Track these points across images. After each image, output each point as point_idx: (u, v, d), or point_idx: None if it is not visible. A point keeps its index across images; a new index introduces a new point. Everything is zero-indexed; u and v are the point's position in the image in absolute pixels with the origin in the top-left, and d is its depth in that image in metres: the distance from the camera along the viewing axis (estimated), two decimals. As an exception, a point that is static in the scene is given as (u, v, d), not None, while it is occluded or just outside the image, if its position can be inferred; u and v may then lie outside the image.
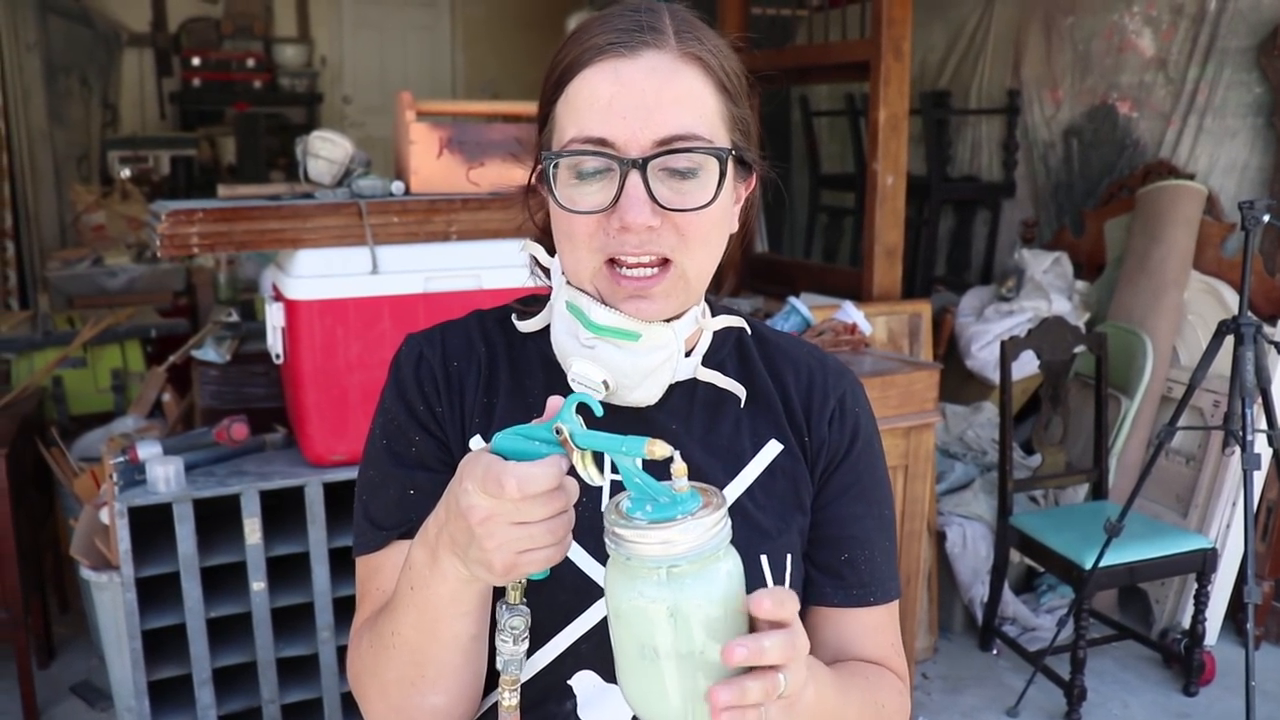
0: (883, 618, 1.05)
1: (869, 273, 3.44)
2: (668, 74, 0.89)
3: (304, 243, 2.23)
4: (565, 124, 0.91)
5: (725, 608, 0.73)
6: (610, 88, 0.88)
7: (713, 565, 0.72)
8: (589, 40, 0.91)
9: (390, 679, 0.91)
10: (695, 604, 0.71)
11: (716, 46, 0.94)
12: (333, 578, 2.34)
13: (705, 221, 0.91)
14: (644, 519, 0.72)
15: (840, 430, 1.04)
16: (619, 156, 0.88)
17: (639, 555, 0.71)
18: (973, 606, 3.39)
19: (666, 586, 0.71)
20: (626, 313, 0.91)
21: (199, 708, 2.29)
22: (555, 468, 0.74)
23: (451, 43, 8.33)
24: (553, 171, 0.91)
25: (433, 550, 0.82)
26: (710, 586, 0.72)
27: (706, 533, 0.72)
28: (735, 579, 0.74)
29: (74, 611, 3.43)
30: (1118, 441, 3.48)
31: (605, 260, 0.91)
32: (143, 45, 7.33)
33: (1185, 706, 3.04)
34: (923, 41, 5.12)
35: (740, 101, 0.95)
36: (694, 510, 0.72)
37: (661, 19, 0.91)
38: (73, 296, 4.52)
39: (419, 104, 2.41)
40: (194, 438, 2.43)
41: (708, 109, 0.91)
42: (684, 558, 0.71)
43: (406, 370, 1.01)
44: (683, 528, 0.71)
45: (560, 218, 0.92)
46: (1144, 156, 4.24)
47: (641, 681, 0.75)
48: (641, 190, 0.87)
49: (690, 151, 0.89)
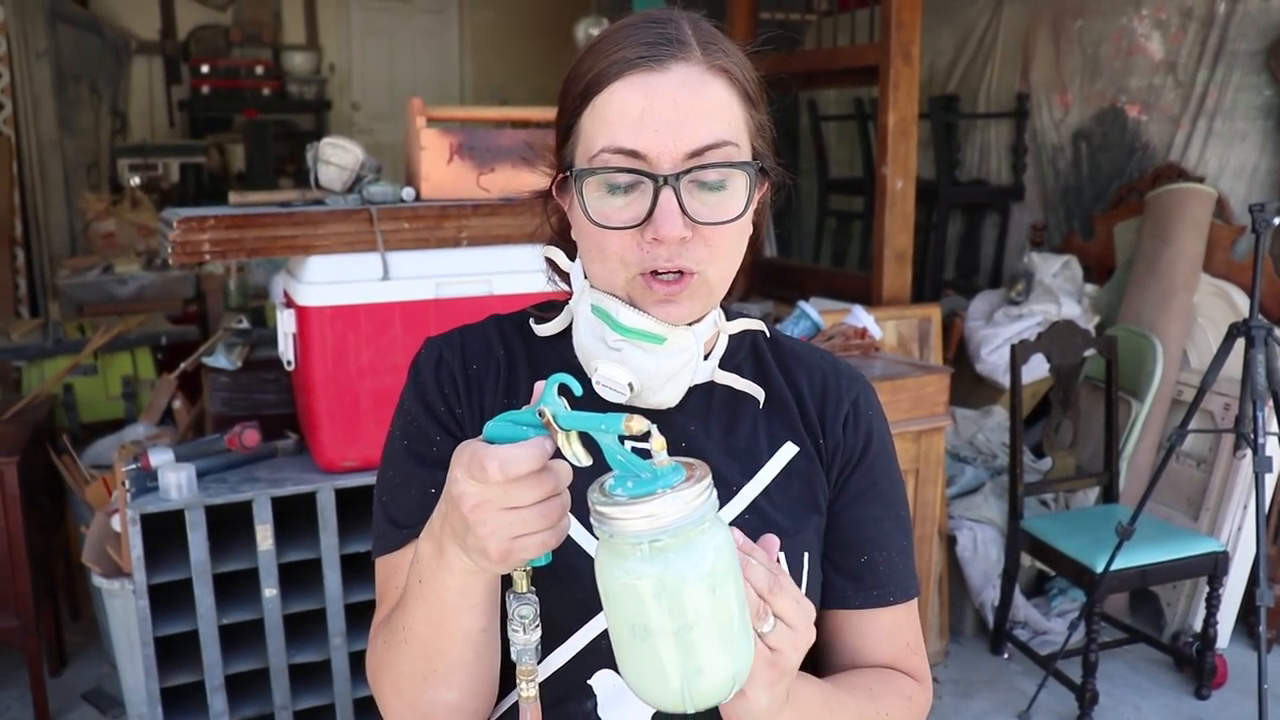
0: (901, 617, 1.05)
1: (878, 277, 3.44)
2: (697, 86, 0.90)
3: (315, 249, 2.24)
4: (594, 136, 0.92)
5: (714, 580, 0.72)
6: (642, 100, 0.89)
7: (698, 538, 0.72)
8: (615, 53, 0.91)
9: (403, 674, 0.91)
10: (682, 578, 0.71)
11: (738, 56, 0.95)
12: (345, 584, 2.34)
13: (732, 232, 0.93)
14: (624, 495, 0.72)
15: (855, 433, 1.05)
16: (651, 172, 0.89)
17: (621, 531, 0.71)
18: (984, 610, 3.38)
19: (651, 562, 0.71)
20: (654, 316, 0.92)
21: (211, 714, 2.29)
22: (538, 449, 0.75)
23: (460, 49, 8.35)
24: (583, 185, 0.92)
25: (438, 543, 0.83)
26: (698, 560, 0.71)
27: (688, 505, 0.71)
28: (725, 553, 0.73)
29: (85, 619, 3.44)
30: (1128, 445, 3.48)
31: (638, 273, 0.92)
32: (152, 53, 7.36)
33: (1197, 710, 3.03)
34: (931, 46, 5.12)
35: (761, 108, 0.97)
36: (674, 484, 0.72)
37: (684, 30, 0.92)
38: (83, 304, 4.53)
39: (430, 110, 2.41)
40: (205, 444, 2.44)
41: (735, 119, 0.93)
42: (665, 531, 0.70)
43: (426, 372, 1.02)
44: (663, 501, 0.70)
45: (591, 232, 0.93)
46: (1153, 160, 4.24)
47: (636, 662, 0.74)
48: (674, 204, 0.88)
49: (721, 166, 0.90)
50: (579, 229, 0.96)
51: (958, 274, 5.21)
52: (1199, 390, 2.65)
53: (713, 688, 0.74)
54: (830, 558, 1.04)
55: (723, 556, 0.73)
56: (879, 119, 3.41)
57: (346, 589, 2.35)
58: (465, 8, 8.30)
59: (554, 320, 1.03)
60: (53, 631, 3.17)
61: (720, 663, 0.74)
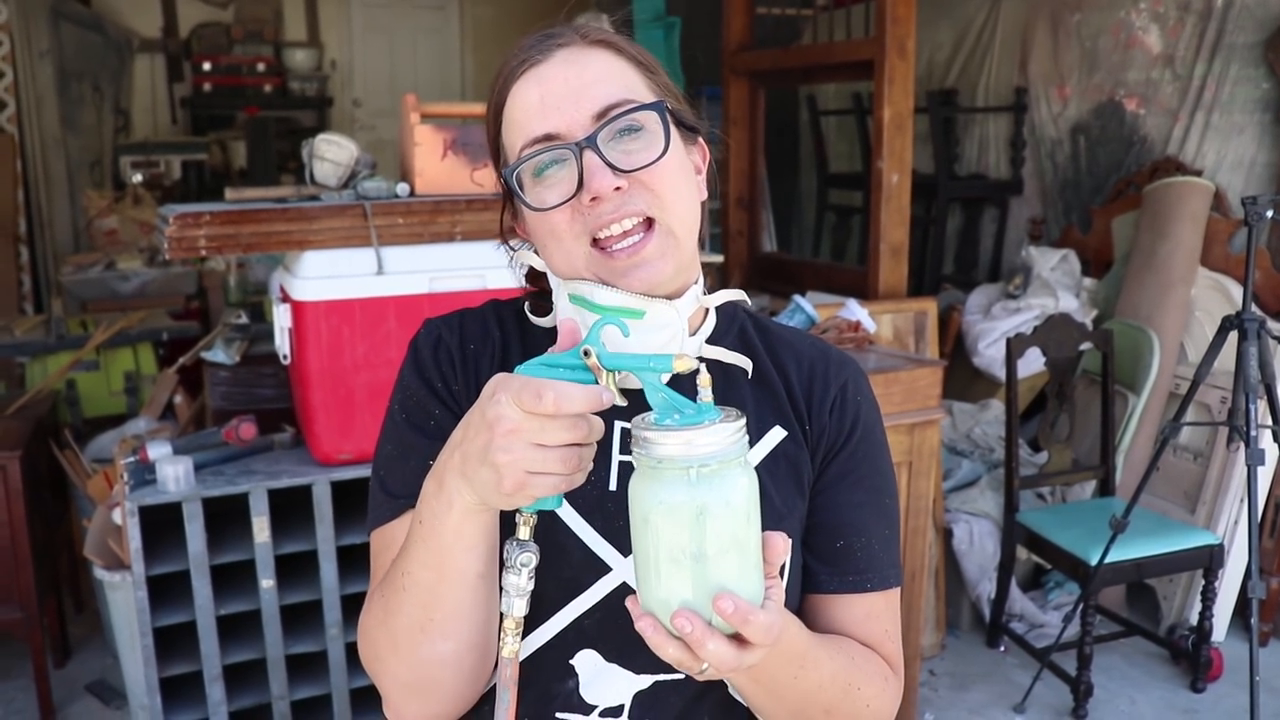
0: (879, 605, 1.05)
1: (874, 271, 3.44)
2: (583, 60, 0.96)
3: (310, 244, 2.25)
4: (513, 142, 0.98)
5: (748, 510, 0.78)
6: (537, 90, 0.96)
7: (735, 471, 0.77)
8: (507, 68, 0.99)
9: (400, 626, 0.92)
10: (724, 502, 0.76)
11: (621, 34, 1.01)
12: (341, 575, 2.36)
13: (668, 172, 0.96)
14: (675, 424, 0.77)
15: (841, 418, 1.06)
16: (567, 144, 0.93)
17: (670, 456, 0.76)
18: (980, 603, 3.40)
19: (695, 487, 0.76)
20: (628, 286, 0.94)
21: (210, 704, 2.31)
22: (595, 394, 0.78)
23: (460, 45, 8.37)
24: (516, 184, 0.97)
25: (440, 478, 0.85)
26: (733, 492, 0.77)
27: (729, 437, 0.77)
28: (752, 496, 0.79)
29: (89, 611, 3.47)
30: (1125, 438, 3.48)
31: (590, 242, 0.95)
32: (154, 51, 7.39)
33: (1192, 703, 3.04)
34: (930, 40, 5.13)
35: (659, 73, 1.01)
36: (719, 418, 0.78)
37: (563, 27, 0.99)
38: (86, 300, 4.56)
39: (423, 106, 2.43)
40: (203, 438, 2.46)
41: (631, 80, 0.98)
42: (713, 458, 0.76)
43: (425, 350, 1.05)
44: (710, 431, 0.76)
45: (538, 220, 0.97)
46: (1151, 153, 4.24)
47: (664, 585, 0.78)
48: (598, 160, 0.92)
49: (628, 112, 0.94)
50: (533, 228, 1.00)
51: (956, 268, 5.21)
52: (1192, 383, 2.66)
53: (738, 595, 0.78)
54: (806, 541, 1.04)
55: (752, 498, 0.79)
56: (875, 113, 3.41)
57: (342, 580, 2.37)
58: (466, 4, 8.31)
59: (548, 315, 1.05)
60: (56, 624, 3.19)
61: (744, 590, 0.78)
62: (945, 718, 2.99)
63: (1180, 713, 2.99)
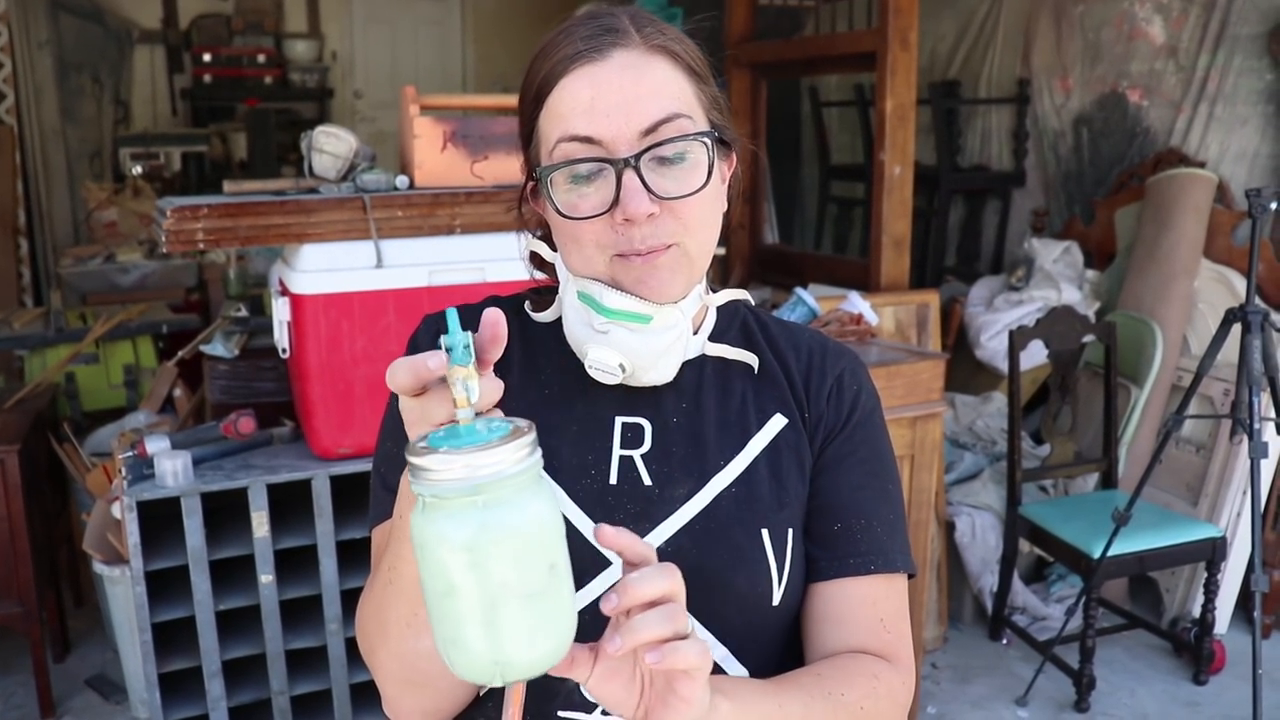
0: (878, 589, 1.02)
1: (876, 263, 3.43)
2: (640, 68, 0.94)
3: (309, 237, 2.24)
4: (550, 131, 0.95)
5: (528, 544, 0.69)
6: (589, 90, 0.93)
7: (516, 499, 0.69)
8: (559, 53, 0.95)
9: (391, 619, 0.92)
10: (493, 538, 0.68)
11: (678, 35, 0.98)
12: (340, 570, 2.35)
13: (701, 203, 0.95)
14: (445, 448, 0.69)
15: (838, 405, 1.06)
16: (610, 157, 0.92)
17: (434, 484, 0.68)
18: (982, 596, 3.39)
19: (462, 519, 0.68)
20: (638, 294, 0.95)
21: (209, 699, 2.30)
22: (420, 362, 0.73)
23: (462, 37, 8.33)
24: (549, 182, 0.95)
25: None
26: (514, 520, 0.69)
27: (505, 459, 0.68)
28: (546, 524, 0.71)
29: (89, 606, 3.47)
30: (1128, 431, 3.47)
31: (614, 255, 0.94)
32: (154, 42, 7.35)
33: (1195, 695, 3.03)
34: (932, 31, 5.10)
35: (710, 82, 1.00)
36: (492, 440, 0.69)
37: (622, 20, 0.96)
38: (85, 293, 4.55)
39: (423, 98, 2.41)
40: (202, 432, 2.45)
41: (684, 93, 0.96)
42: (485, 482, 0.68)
43: (424, 345, 1.04)
44: (480, 454, 0.68)
45: (564, 225, 0.96)
46: (1154, 145, 4.22)
47: (442, 624, 0.71)
48: (637, 183, 0.91)
49: (676, 140, 0.93)
50: (554, 225, 0.99)
51: (959, 260, 5.20)
52: (1195, 376, 2.65)
53: (522, 659, 0.71)
54: (807, 528, 1.03)
55: (543, 521, 0.70)
56: (877, 105, 3.40)
57: (342, 575, 2.36)
58: (467, -5, 8.28)
59: (548, 310, 1.06)
60: (56, 618, 3.19)
61: (530, 634, 0.71)
62: (948, 711, 2.98)
63: (1183, 705, 2.99)
